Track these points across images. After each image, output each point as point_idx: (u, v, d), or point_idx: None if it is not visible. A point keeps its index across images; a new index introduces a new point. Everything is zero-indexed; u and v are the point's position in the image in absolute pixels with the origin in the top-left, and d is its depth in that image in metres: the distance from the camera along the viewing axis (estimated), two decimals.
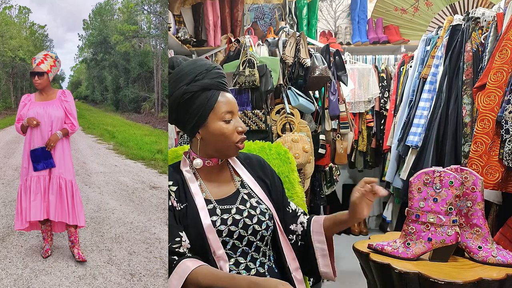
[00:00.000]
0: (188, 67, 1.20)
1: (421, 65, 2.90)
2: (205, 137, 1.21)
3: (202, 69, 1.19)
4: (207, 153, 1.24)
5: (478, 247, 1.32)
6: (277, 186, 1.35)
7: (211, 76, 1.19)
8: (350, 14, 4.43)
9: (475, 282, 1.18)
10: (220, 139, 1.20)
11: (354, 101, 3.90)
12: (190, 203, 1.19)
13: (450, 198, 1.31)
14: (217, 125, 1.19)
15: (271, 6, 4.52)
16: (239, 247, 1.20)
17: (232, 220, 1.19)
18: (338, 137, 2.97)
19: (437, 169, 1.33)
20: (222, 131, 1.19)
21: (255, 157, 1.40)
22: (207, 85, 1.18)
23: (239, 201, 1.24)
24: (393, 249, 1.35)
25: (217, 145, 1.21)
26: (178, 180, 1.23)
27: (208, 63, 1.22)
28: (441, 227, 1.31)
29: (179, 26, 4.18)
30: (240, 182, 1.29)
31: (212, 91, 1.19)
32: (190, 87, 1.18)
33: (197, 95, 1.18)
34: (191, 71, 1.19)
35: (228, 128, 1.19)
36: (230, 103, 1.21)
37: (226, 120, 1.19)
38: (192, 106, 1.19)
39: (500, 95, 1.80)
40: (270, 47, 2.94)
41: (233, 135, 1.20)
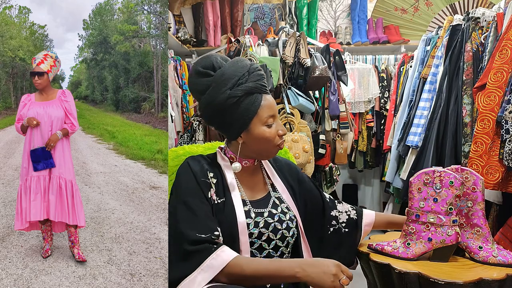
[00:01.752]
0: (230, 70, 1.17)
1: (421, 65, 2.90)
2: (247, 140, 1.21)
3: (244, 70, 1.17)
4: (246, 154, 1.24)
5: (479, 247, 1.32)
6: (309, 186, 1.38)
7: (254, 79, 1.17)
8: (350, 14, 4.43)
9: (475, 282, 1.17)
10: (262, 143, 1.20)
11: (354, 101, 3.90)
12: (228, 199, 1.19)
13: (450, 198, 1.31)
14: (260, 130, 1.18)
15: (271, 6, 4.52)
16: (265, 249, 1.20)
17: (264, 223, 1.20)
18: (338, 137, 2.97)
19: (437, 169, 1.33)
20: (264, 136, 1.19)
21: (283, 160, 1.41)
22: (251, 88, 1.16)
23: (271, 204, 1.25)
24: (393, 249, 1.35)
25: (259, 148, 1.22)
26: (217, 174, 1.23)
27: (248, 63, 1.20)
28: (441, 227, 1.31)
29: (179, 26, 4.18)
30: (271, 185, 1.31)
31: (255, 95, 1.18)
32: (234, 92, 1.15)
33: (241, 100, 1.16)
34: (233, 74, 1.16)
35: (271, 132, 1.19)
36: (272, 107, 1.20)
37: (269, 125, 1.19)
38: (236, 111, 1.17)
39: (500, 95, 1.80)
40: (270, 47, 2.94)
41: (275, 139, 1.20)
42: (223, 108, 1.16)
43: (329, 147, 2.87)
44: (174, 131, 3.30)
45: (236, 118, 1.17)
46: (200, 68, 1.19)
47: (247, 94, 1.16)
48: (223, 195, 1.20)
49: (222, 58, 1.22)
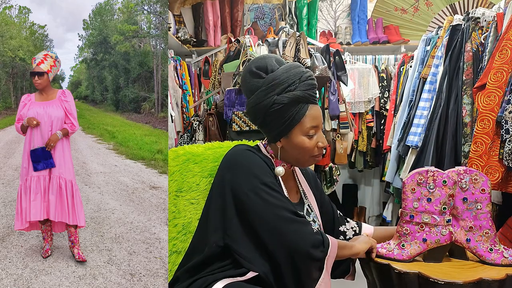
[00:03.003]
0: (283, 76, 1.16)
1: (421, 65, 2.90)
2: (285, 146, 1.21)
3: (295, 78, 1.16)
4: (284, 158, 1.25)
5: (489, 250, 1.32)
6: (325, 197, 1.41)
7: (303, 88, 1.16)
8: (350, 14, 4.43)
9: (475, 282, 1.18)
10: (300, 152, 1.20)
11: (354, 101, 3.90)
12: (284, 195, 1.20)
13: (443, 198, 1.31)
14: (299, 139, 1.18)
15: (271, 6, 4.52)
16: None
17: None
18: (338, 137, 2.96)
19: (430, 168, 1.33)
20: (303, 145, 1.19)
21: (310, 170, 1.43)
22: (298, 97, 1.16)
23: (305, 211, 1.27)
24: (388, 251, 1.34)
25: (296, 156, 1.22)
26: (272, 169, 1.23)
27: (302, 71, 1.19)
28: (436, 227, 1.31)
29: (179, 26, 4.18)
30: (302, 192, 1.32)
31: (301, 104, 1.17)
32: (281, 98, 1.15)
33: (287, 107, 1.16)
34: (285, 80, 1.15)
35: (310, 143, 1.19)
36: (317, 118, 1.19)
37: (310, 135, 1.18)
38: (279, 117, 1.17)
39: (500, 95, 1.80)
40: (270, 47, 2.94)
41: (314, 150, 1.20)
42: (267, 112, 1.16)
43: (329, 147, 2.87)
44: (174, 131, 3.30)
45: (278, 124, 1.18)
46: (254, 68, 1.19)
47: (293, 102, 1.16)
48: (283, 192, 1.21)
49: (277, 61, 1.21)
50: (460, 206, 1.33)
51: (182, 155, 1.35)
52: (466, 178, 1.33)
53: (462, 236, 1.33)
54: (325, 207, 1.39)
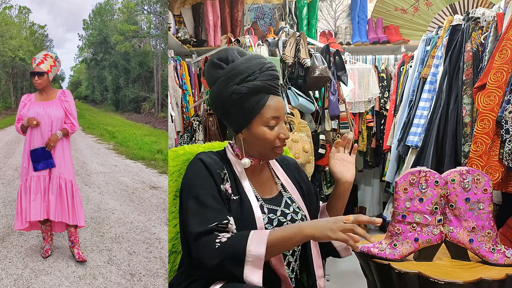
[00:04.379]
0: (242, 66, 1.15)
1: (421, 65, 2.90)
2: (247, 138, 1.20)
3: (256, 68, 1.15)
4: (249, 152, 1.23)
5: (491, 250, 1.32)
6: (311, 189, 1.37)
7: (263, 78, 1.15)
8: (350, 14, 4.43)
9: (475, 282, 1.18)
10: (261, 143, 1.18)
11: (354, 101, 3.90)
12: (244, 197, 1.18)
13: (435, 198, 1.31)
14: (260, 130, 1.17)
15: (271, 6, 4.52)
16: None
17: (278, 222, 1.19)
18: (338, 137, 2.96)
19: (422, 169, 1.33)
20: (264, 136, 1.17)
21: (291, 160, 1.40)
22: (257, 87, 1.14)
23: (284, 204, 1.24)
24: (380, 250, 1.34)
25: (258, 148, 1.20)
26: (231, 171, 1.22)
27: (263, 62, 1.18)
28: (427, 226, 1.32)
29: (179, 26, 4.18)
30: (281, 185, 1.29)
31: (262, 94, 1.15)
32: (240, 88, 1.14)
33: (246, 97, 1.14)
34: (244, 70, 1.14)
35: (271, 134, 1.17)
36: (277, 109, 1.17)
37: (270, 126, 1.17)
38: (239, 107, 1.16)
39: (500, 95, 1.80)
40: (270, 47, 2.94)
41: (275, 141, 1.18)
42: (227, 102, 1.16)
43: (329, 147, 2.87)
44: (174, 131, 3.30)
45: (238, 115, 1.17)
46: (216, 60, 1.20)
47: (253, 92, 1.14)
48: (237, 192, 1.19)
49: (239, 52, 1.21)
50: (462, 206, 1.33)
51: (182, 155, 1.35)
52: (469, 178, 1.33)
53: (465, 236, 1.33)
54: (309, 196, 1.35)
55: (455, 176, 1.34)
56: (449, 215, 1.35)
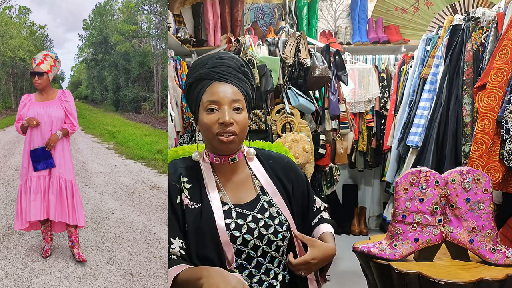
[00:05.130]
0: (197, 61, 1.17)
1: (421, 65, 2.90)
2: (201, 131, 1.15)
3: (208, 60, 1.14)
4: (208, 148, 1.18)
5: (492, 250, 1.31)
6: (301, 190, 1.27)
7: (209, 66, 1.13)
8: (350, 14, 4.43)
9: (475, 282, 1.17)
10: (204, 131, 1.12)
11: (354, 101, 3.90)
12: (205, 204, 1.12)
13: (435, 198, 1.31)
14: (202, 116, 1.12)
15: (271, 6, 4.52)
16: (253, 258, 1.14)
17: (247, 228, 1.12)
18: (338, 137, 2.96)
19: (423, 169, 1.33)
20: (203, 122, 1.11)
21: (279, 158, 1.29)
22: (200, 75, 1.13)
23: (258, 209, 1.16)
24: (380, 251, 1.34)
25: (205, 138, 1.14)
26: (193, 177, 1.16)
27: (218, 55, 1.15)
28: (427, 226, 1.32)
29: (179, 26, 4.18)
30: (260, 187, 1.21)
31: (205, 81, 1.12)
32: (188, 80, 1.16)
33: (193, 87, 1.15)
34: (197, 64, 1.16)
35: (208, 118, 1.09)
36: (215, 93, 1.10)
37: (208, 110, 1.10)
38: (190, 99, 1.17)
39: (500, 95, 1.80)
40: (270, 47, 2.94)
41: (214, 126, 1.09)
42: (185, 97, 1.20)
43: (329, 147, 2.87)
44: (174, 131, 3.30)
45: (191, 106, 1.19)
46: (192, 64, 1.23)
47: (198, 81, 1.14)
48: (200, 200, 1.13)
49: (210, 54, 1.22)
50: (462, 206, 1.33)
51: (182, 155, 1.35)
52: (469, 178, 1.33)
53: (465, 237, 1.33)
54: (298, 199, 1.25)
55: (456, 176, 1.34)
56: (450, 215, 1.35)
